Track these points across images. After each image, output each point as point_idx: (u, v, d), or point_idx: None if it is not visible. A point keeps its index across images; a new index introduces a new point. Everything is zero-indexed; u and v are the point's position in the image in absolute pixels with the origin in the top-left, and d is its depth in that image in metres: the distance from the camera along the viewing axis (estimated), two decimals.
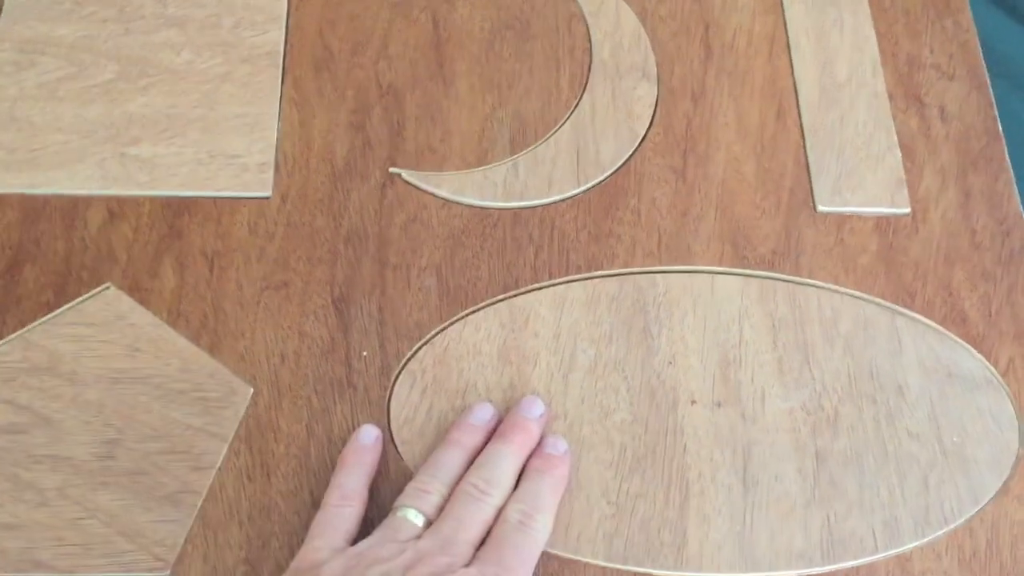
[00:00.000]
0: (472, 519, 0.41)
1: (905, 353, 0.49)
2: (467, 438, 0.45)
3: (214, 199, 0.51)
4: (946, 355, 0.49)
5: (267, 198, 0.52)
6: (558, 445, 0.45)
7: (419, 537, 0.41)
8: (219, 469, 0.45)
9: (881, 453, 0.47)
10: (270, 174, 0.52)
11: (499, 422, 0.46)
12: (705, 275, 0.51)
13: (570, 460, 0.45)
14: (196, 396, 0.46)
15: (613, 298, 0.50)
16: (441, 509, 0.42)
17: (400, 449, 0.46)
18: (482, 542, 0.41)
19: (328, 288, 0.49)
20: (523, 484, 0.43)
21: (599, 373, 0.48)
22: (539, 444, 0.45)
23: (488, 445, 0.44)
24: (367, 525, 0.42)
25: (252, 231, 0.51)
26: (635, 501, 0.45)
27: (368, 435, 0.45)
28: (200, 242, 0.50)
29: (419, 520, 0.41)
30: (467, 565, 0.40)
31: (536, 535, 0.42)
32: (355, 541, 0.41)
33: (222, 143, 0.53)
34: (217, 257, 0.50)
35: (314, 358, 0.47)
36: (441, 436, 0.46)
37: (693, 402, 0.48)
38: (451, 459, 0.44)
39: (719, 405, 0.48)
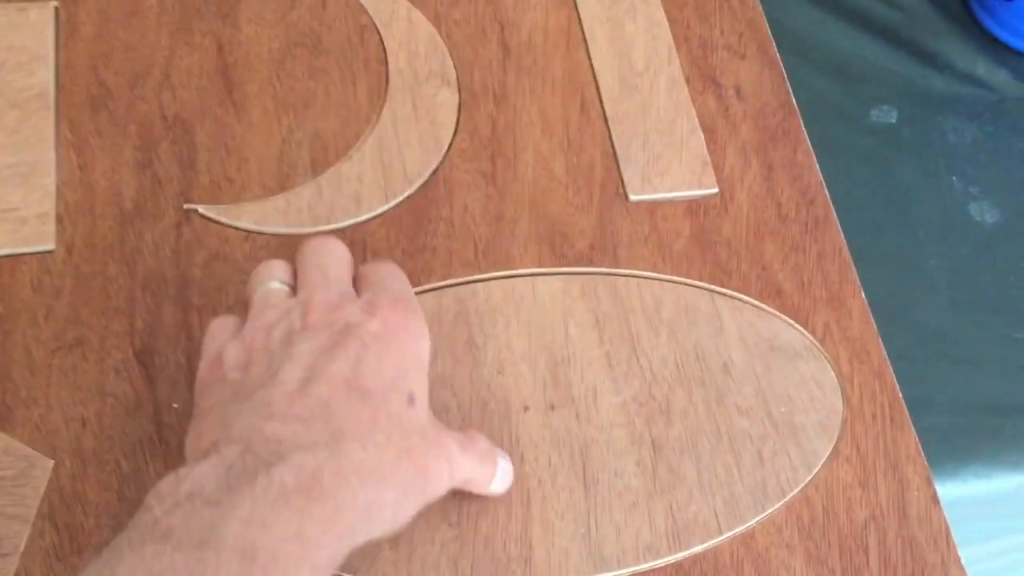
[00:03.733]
0: (331, 260, 0.41)
1: (727, 332, 0.50)
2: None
3: None
4: (766, 329, 0.50)
5: (51, 251, 0.48)
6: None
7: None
8: (23, 554, 0.41)
9: (715, 434, 0.47)
10: (51, 225, 0.48)
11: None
12: (525, 278, 0.50)
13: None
14: None
15: (434, 313, 0.49)
16: (293, 275, 0.42)
17: None
18: None
19: (128, 340, 0.46)
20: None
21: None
22: None
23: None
24: None
25: (36, 289, 0.47)
26: (477, 519, 0.44)
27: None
28: None
29: (282, 286, 0.41)
30: None
31: (401, 271, 0.43)
32: None
33: None
34: None
35: (119, 418, 0.44)
36: None
37: (526, 408, 0.47)
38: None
39: (552, 408, 0.47)
